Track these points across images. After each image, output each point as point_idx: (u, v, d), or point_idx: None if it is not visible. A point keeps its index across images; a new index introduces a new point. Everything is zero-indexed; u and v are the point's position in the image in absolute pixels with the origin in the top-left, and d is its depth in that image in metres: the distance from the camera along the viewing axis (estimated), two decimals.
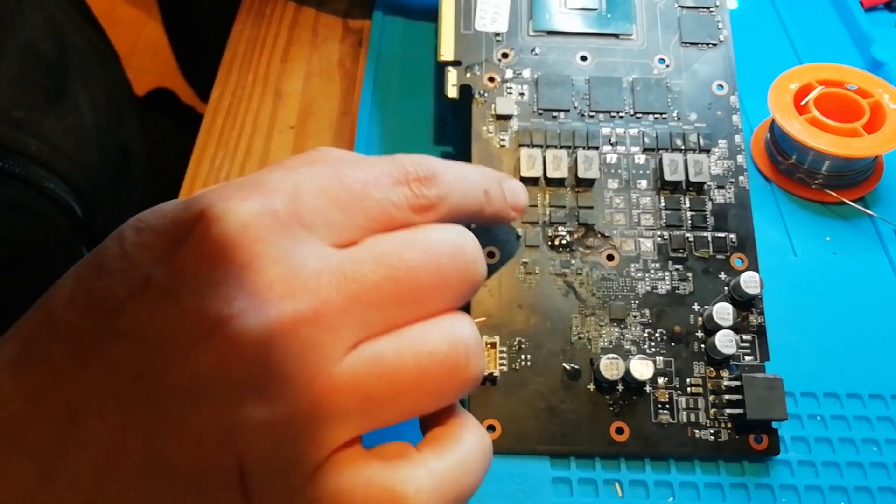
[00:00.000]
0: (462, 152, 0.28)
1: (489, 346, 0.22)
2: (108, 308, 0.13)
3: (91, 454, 0.13)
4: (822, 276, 0.26)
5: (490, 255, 0.23)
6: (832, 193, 0.27)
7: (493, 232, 0.23)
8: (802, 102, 0.28)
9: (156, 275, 0.13)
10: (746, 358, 0.22)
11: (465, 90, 0.25)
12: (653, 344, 0.22)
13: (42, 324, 0.14)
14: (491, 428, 0.22)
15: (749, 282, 0.22)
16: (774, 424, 0.22)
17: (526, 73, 0.25)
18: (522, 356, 0.22)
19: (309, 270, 0.13)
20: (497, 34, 0.26)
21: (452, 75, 0.25)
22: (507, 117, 0.25)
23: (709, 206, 0.24)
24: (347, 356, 0.14)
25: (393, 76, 0.32)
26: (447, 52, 0.25)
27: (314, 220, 0.14)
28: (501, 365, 0.22)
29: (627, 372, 0.21)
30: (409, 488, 0.14)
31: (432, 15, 0.26)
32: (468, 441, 0.15)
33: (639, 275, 0.23)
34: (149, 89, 0.48)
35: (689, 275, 0.23)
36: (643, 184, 0.24)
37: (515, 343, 0.22)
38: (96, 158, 0.31)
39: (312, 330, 0.13)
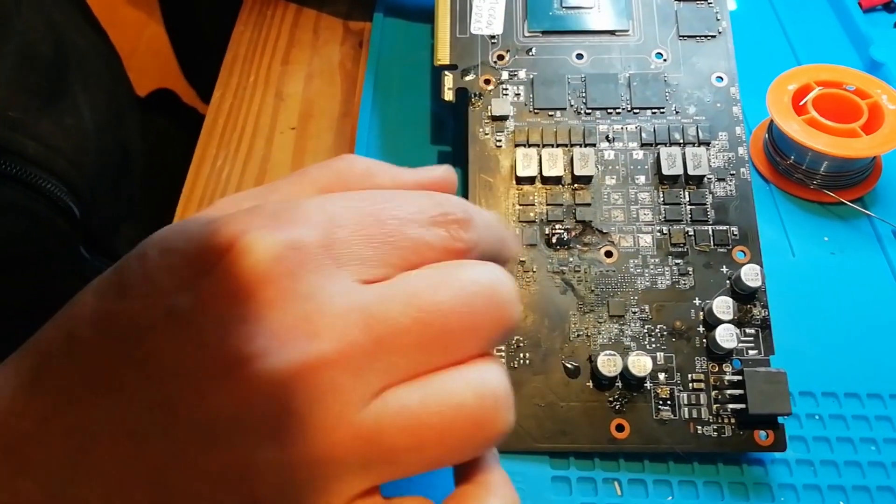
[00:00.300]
0: (460, 152, 0.29)
1: None
2: (129, 335, 0.13)
3: (100, 482, 0.13)
4: (820, 276, 0.26)
5: None
6: (830, 194, 0.27)
7: None
8: (801, 103, 0.28)
9: (179, 304, 0.13)
10: (750, 352, 0.22)
11: (462, 93, 0.25)
12: (653, 340, 0.22)
13: (60, 343, 0.14)
14: None
15: (750, 274, 0.22)
16: (780, 420, 0.21)
17: (522, 74, 0.25)
18: (521, 355, 0.22)
19: (336, 309, 0.13)
20: (492, 36, 0.26)
21: (449, 79, 0.25)
22: (503, 118, 0.25)
23: (709, 199, 0.24)
24: (370, 404, 0.13)
25: (393, 77, 0.32)
26: (443, 56, 0.25)
27: (346, 256, 0.14)
28: None
29: (626, 368, 0.22)
30: None
31: (432, 17, 0.27)
32: (494, 495, 0.14)
33: (638, 270, 0.23)
34: (150, 90, 0.48)
35: (690, 269, 0.23)
36: (641, 179, 0.24)
37: (514, 342, 0.22)
38: (95, 159, 0.31)
39: (336, 373, 0.13)
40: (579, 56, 0.26)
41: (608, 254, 0.23)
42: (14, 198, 0.26)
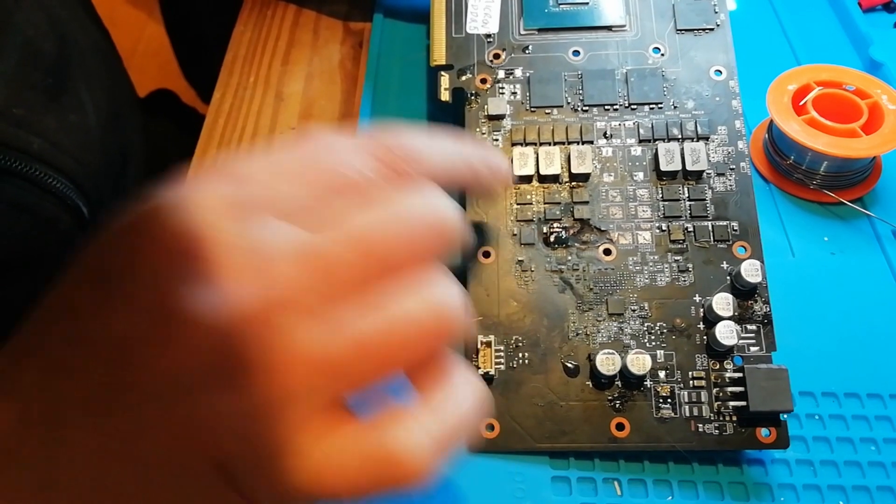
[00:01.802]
0: None
1: (485, 345, 0.22)
2: (72, 317, 0.13)
3: (80, 464, 0.13)
4: (820, 276, 0.26)
5: (486, 255, 0.23)
6: (830, 194, 0.27)
7: (488, 233, 0.24)
8: (801, 103, 0.28)
9: (115, 276, 0.13)
10: (752, 349, 0.22)
11: (459, 93, 0.25)
12: (653, 338, 0.22)
13: (18, 339, 0.14)
14: (490, 427, 0.22)
15: (750, 270, 0.22)
16: (782, 417, 0.21)
17: (518, 73, 0.25)
18: (520, 354, 0.22)
19: (269, 252, 0.13)
20: (488, 36, 0.26)
21: (445, 79, 0.25)
22: (500, 117, 0.25)
23: (708, 194, 0.24)
24: (314, 332, 0.13)
25: (393, 78, 0.32)
26: (439, 56, 0.25)
27: (277, 203, 0.14)
28: (498, 364, 0.22)
29: (625, 366, 0.21)
30: (405, 453, 0.13)
31: (429, 17, 0.27)
32: (460, 389, 0.15)
33: (637, 268, 0.23)
34: (150, 90, 0.48)
35: (690, 266, 0.23)
36: (640, 176, 0.24)
37: (512, 341, 0.22)
38: (99, 157, 0.31)
39: (282, 314, 0.13)
40: (576, 53, 0.26)
41: (607, 251, 0.23)
42: (19, 195, 0.26)
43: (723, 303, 0.22)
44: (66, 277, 0.14)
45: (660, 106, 0.25)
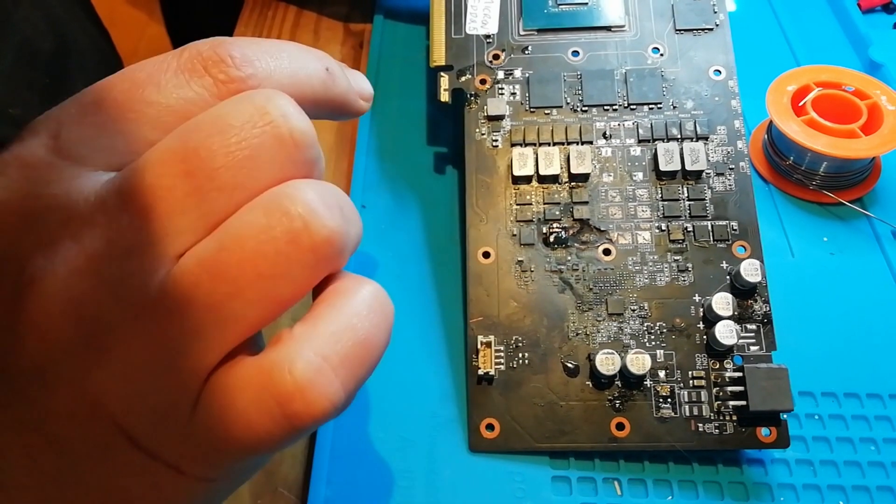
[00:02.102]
0: (457, 153, 0.29)
1: (485, 345, 0.22)
2: None
3: (12, 460, 0.12)
4: (819, 276, 0.26)
5: (486, 255, 0.23)
6: (830, 194, 0.27)
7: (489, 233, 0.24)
8: (800, 104, 0.28)
9: None
10: (752, 348, 0.22)
11: (458, 94, 0.25)
12: (652, 337, 0.22)
13: None
14: (490, 427, 0.22)
15: (750, 270, 0.22)
16: (782, 416, 0.21)
17: (517, 73, 0.25)
18: (520, 355, 0.22)
19: (86, 204, 0.12)
20: (488, 36, 0.26)
21: (445, 80, 0.25)
22: (499, 118, 0.25)
23: (708, 194, 0.24)
24: (167, 274, 0.12)
25: (394, 79, 0.32)
26: (439, 57, 0.25)
27: (83, 153, 0.13)
28: (498, 364, 0.22)
29: (624, 366, 0.21)
30: (283, 372, 0.12)
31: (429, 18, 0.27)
32: (354, 299, 0.13)
33: (636, 268, 0.23)
34: None
35: (689, 266, 0.23)
36: (639, 176, 0.24)
37: (512, 342, 0.22)
38: None
39: (112, 264, 0.12)
40: (575, 53, 0.26)
41: (606, 252, 0.23)
42: None
43: (722, 302, 0.22)
44: None
45: (659, 106, 0.25)
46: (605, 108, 0.25)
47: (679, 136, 0.24)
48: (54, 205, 0.12)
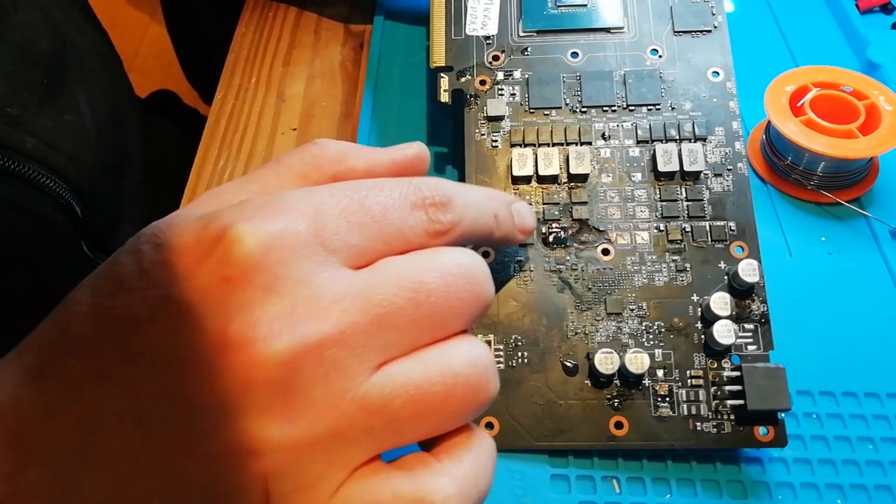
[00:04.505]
0: (457, 153, 0.29)
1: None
2: (128, 328, 0.14)
3: (108, 470, 0.13)
4: (817, 276, 0.26)
5: (485, 254, 0.23)
6: (827, 194, 0.27)
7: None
8: (798, 104, 0.28)
9: (175, 294, 0.14)
10: (750, 348, 0.22)
11: (458, 94, 0.25)
12: (651, 337, 0.22)
13: (61, 340, 0.14)
14: (489, 426, 0.22)
15: (747, 270, 0.22)
16: (780, 415, 0.21)
17: (517, 74, 0.25)
18: (519, 353, 0.23)
19: (333, 293, 0.14)
20: (487, 37, 0.26)
21: (445, 81, 0.25)
22: (499, 118, 0.25)
23: (706, 194, 0.24)
24: (372, 378, 0.14)
25: (394, 79, 0.32)
26: (439, 58, 0.26)
27: (334, 243, 0.14)
28: (498, 363, 0.22)
29: (623, 365, 0.22)
30: (437, 496, 0.14)
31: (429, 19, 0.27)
32: (480, 446, 0.15)
33: (635, 268, 0.23)
34: (152, 91, 0.48)
35: (687, 266, 0.23)
36: (638, 176, 0.24)
37: (512, 341, 0.23)
38: (96, 157, 0.31)
39: (337, 352, 0.13)
40: (574, 55, 0.26)
41: (605, 251, 0.23)
42: (13, 195, 0.27)
43: (720, 302, 0.22)
44: (119, 284, 0.14)
45: (658, 107, 0.25)
46: (604, 109, 0.25)
47: (677, 137, 0.24)
48: (305, 280, 0.14)
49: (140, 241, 0.14)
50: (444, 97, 0.25)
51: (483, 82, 0.25)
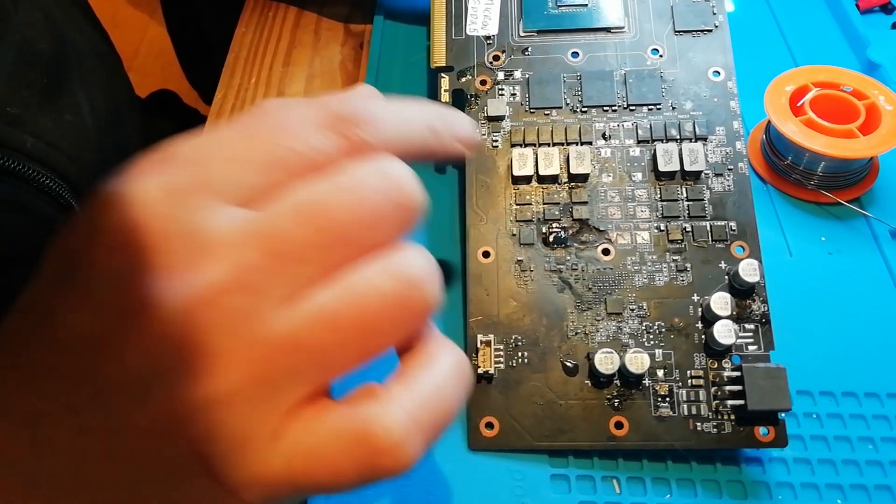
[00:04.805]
0: None
1: (484, 344, 0.22)
2: (43, 318, 0.13)
3: (64, 461, 0.13)
4: (817, 276, 0.26)
5: (485, 255, 0.23)
6: (828, 194, 0.27)
7: (488, 234, 0.24)
8: (798, 104, 0.28)
9: (76, 274, 0.13)
10: (750, 348, 0.22)
11: (458, 94, 0.25)
12: (651, 337, 0.22)
13: (4, 335, 0.14)
14: (489, 426, 0.22)
15: (748, 269, 0.22)
16: (780, 416, 0.21)
17: (517, 74, 0.25)
18: (519, 354, 0.23)
19: (221, 237, 0.13)
20: (488, 37, 0.26)
21: (445, 81, 0.25)
22: (499, 118, 0.25)
23: (706, 194, 0.24)
24: (282, 314, 0.13)
25: (394, 79, 0.32)
26: (439, 58, 0.26)
27: (224, 186, 0.13)
28: (498, 363, 0.22)
29: (623, 365, 0.22)
30: (378, 428, 0.13)
31: (430, 19, 0.27)
32: (441, 364, 0.14)
33: (635, 268, 0.23)
34: (152, 91, 0.48)
35: (688, 265, 0.23)
36: (638, 176, 0.24)
37: (512, 341, 0.23)
38: (96, 157, 0.31)
39: (235, 296, 0.13)
40: (575, 54, 0.26)
41: (605, 251, 0.23)
42: (13, 194, 0.27)
43: (721, 302, 0.22)
44: (37, 278, 0.14)
45: (658, 107, 0.25)
46: (605, 108, 0.25)
47: (678, 137, 0.24)
48: (189, 231, 0.13)
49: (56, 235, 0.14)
50: (445, 97, 0.25)
51: (483, 82, 0.25)
